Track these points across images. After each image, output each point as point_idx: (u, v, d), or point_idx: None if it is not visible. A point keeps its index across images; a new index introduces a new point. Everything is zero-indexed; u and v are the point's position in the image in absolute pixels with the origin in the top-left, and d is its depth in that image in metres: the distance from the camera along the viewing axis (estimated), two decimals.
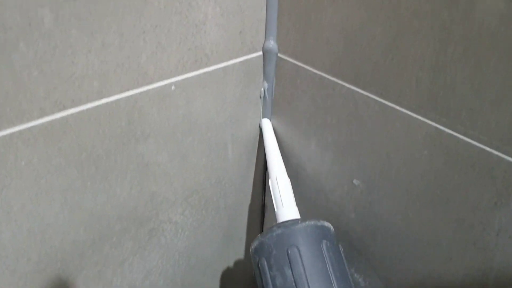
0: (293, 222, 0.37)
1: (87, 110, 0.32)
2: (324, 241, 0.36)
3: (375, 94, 0.35)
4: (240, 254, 0.55)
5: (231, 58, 0.39)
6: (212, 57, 0.37)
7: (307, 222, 0.36)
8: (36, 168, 0.31)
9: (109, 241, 0.38)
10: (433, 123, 0.32)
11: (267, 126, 0.46)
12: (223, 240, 0.51)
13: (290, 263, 0.34)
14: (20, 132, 0.29)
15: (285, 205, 0.39)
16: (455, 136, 0.31)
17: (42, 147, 0.30)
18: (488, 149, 0.29)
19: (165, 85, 0.35)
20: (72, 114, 0.31)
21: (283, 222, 0.38)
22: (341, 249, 0.37)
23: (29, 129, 0.29)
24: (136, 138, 0.36)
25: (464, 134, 0.30)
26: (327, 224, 0.38)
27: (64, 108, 0.30)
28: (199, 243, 0.48)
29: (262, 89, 0.43)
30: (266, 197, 0.53)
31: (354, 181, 0.39)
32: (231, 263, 0.54)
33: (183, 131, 0.39)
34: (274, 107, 0.44)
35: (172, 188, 0.41)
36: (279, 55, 0.41)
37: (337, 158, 0.40)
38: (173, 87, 0.36)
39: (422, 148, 0.33)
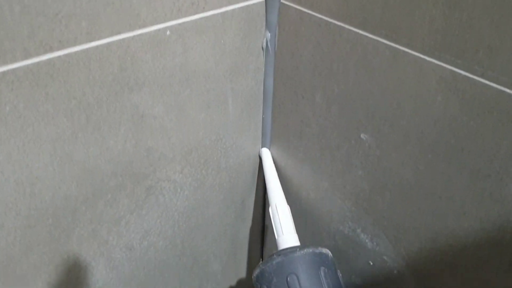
0: (292, 250, 0.39)
1: (76, 53, 0.29)
2: (322, 268, 0.38)
3: (385, 38, 0.32)
4: (241, 217, 0.53)
5: (230, 3, 0.36)
6: (210, 0, 0.35)
7: (305, 250, 0.38)
8: (22, 114, 0.29)
9: (103, 198, 0.37)
10: (448, 66, 0.29)
11: (267, 155, 0.49)
12: (224, 202, 0.49)
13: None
14: (3, 73, 0.27)
15: (285, 232, 0.42)
16: (472, 79, 0.28)
17: (28, 91, 0.28)
18: (508, 91, 0.27)
19: (159, 30, 0.33)
20: (59, 57, 0.29)
21: (282, 250, 0.40)
22: (340, 275, 0.39)
23: (13, 71, 0.27)
24: (129, 87, 0.33)
25: (481, 76, 0.28)
26: (325, 250, 0.40)
27: (51, 49, 0.28)
28: (199, 204, 0.46)
29: (264, 39, 0.41)
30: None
31: (362, 135, 0.37)
32: (232, 227, 0.53)
33: (180, 81, 0.36)
34: (276, 59, 0.42)
35: (170, 143, 0.39)
36: (282, 1, 0.38)
37: (344, 111, 0.38)
38: (168, 32, 0.34)
39: (436, 94, 0.31)
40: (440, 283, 0.36)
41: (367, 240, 0.42)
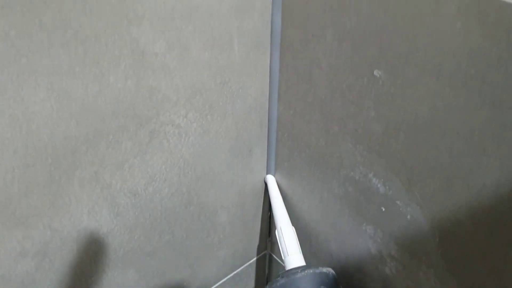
0: (295, 271, 0.43)
1: None
2: (322, 287, 0.42)
3: None
4: (249, 167, 0.51)
5: None
6: None
7: (306, 271, 0.43)
8: (14, 43, 0.27)
9: (105, 139, 0.35)
10: None
11: (272, 182, 0.54)
12: (231, 151, 0.48)
13: None
14: None
15: (290, 253, 0.46)
16: None
17: (20, 18, 0.27)
18: None
19: None
20: None
21: (286, 271, 0.44)
22: None
23: None
24: (128, 19, 0.32)
25: None
26: (325, 269, 0.44)
27: None
28: (205, 152, 0.45)
29: None
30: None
31: (375, 71, 0.35)
32: (240, 177, 0.51)
33: (182, 16, 0.34)
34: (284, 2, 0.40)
35: (173, 84, 0.37)
36: None
37: (356, 47, 0.36)
38: None
39: (455, 21, 0.29)
40: (455, 226, 0.35)
41: (379, 185, 0.40)
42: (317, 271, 0.43)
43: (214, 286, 0.59)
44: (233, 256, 0.59)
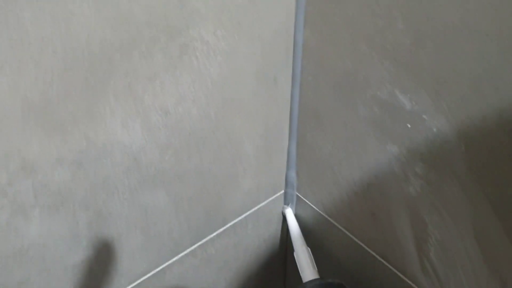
0: (306, 284, 0.55)
1: None
2: None
3: None
4: (274, 97, 0.52)
5: None
6: None
7: (314, 283, 0.54)
8: None
9: (138, 48, 0.36)
10: None
11: (290, 215, 0.66)
12: (257, 76, 0.48)
13: None
14: None
15: (304, 270, 0.57)
16: None
17: None
18: None
19: None
20: None
21: (301, 284, 0.55)
22: None
23: None
24: None
25: None
26: (331, 280, 0.54)
27: None
28: (232, 74, 0.45)
29: None
30: None
31: None
32: (265, 106, 0.52)
33: None
34: None
35: None
36: None
37: None
38: None
39: None
40: (483, 133, 0.35)
41: (405, 101, 0.41)
42: (323, 282, 0.54)
43: (239, 218, 0.61)
44: (258, 189, 0.60)
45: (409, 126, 0.42)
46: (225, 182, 0.54)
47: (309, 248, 0.59)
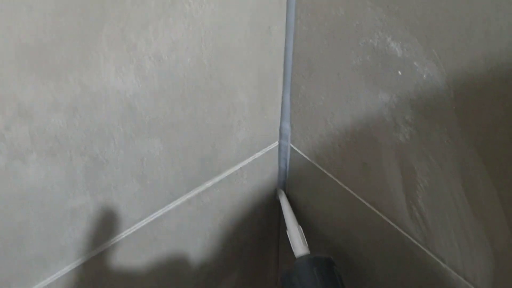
0: (297, 259, 0.62)
1: None
2: (315, 268, 0.58)
3: None
4: (268, 48, 0.52)
5: None
6: None
7: (303, 257, 0.61)
8: None
9: None
10: None
11: (283, 197, 0.72)
12: (250, 26, 0.48)
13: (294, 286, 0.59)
14: None
15: (296, 247, 0.65)
16: None
17: None
18: None
19: None
20: None
21: (294, 261, 0.62)
22: (336, 271, 0.59)
23: None
24: None
25: None
26: (319, 255, 0.61)
27: None
28: (226, 23, 0.45)
29: None
30: None
31: None
32: (258, 56, 0.52)
33: None
34: None
35: None
36: None
37: None
38: None
39: None
40: (471, 78, 0.36)
41: (397, 48, 0.41)
42: (311, 257, 0.60)
43: (233, 168, 0.62)
44: (252, 140, 0.61)
45: (400, 73, 0.42)
46: (219, 132, 0.55)
47: (300, 226, 0.67)
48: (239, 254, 0.81)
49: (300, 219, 0.69)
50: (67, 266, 0.49)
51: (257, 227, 0.80)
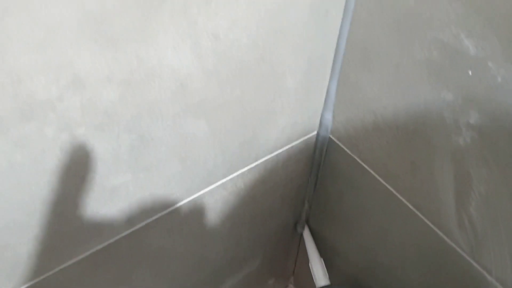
0: None
1: None
2: None
3: None
4: (323, 31, 0.50)
5: None
6: None
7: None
8: None
9: None
10: None
11: (307, 232, 0.82)
12: (310, 10, 0.46)
13: None
14: None
15: (318, 278, 0.74)
16: None
17: None
18: None
19: None
20: None
21: None
22: None
23: None
24: None
25: None
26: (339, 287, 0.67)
27: None
28: (286, 3, 0.43)
29: None
30: None
31: None
32: (312, 41, 0.50)
33: None
34: None
35: None
36: None
37: None
38: None
39: None
40: None
41: (470, 46, 0.38)
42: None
43: (270, 155, 0.60)
44: (292, 127, 0.59)
45: (470, 73, 0.40)
46: (262, 117, 0.53)
47: (322, 259, 0.76)
48: (263, 242, 0.80)
49: (333, 214, 0.67)
50: (100, 245, 0.48)
51: (283, 218, 0.78)
